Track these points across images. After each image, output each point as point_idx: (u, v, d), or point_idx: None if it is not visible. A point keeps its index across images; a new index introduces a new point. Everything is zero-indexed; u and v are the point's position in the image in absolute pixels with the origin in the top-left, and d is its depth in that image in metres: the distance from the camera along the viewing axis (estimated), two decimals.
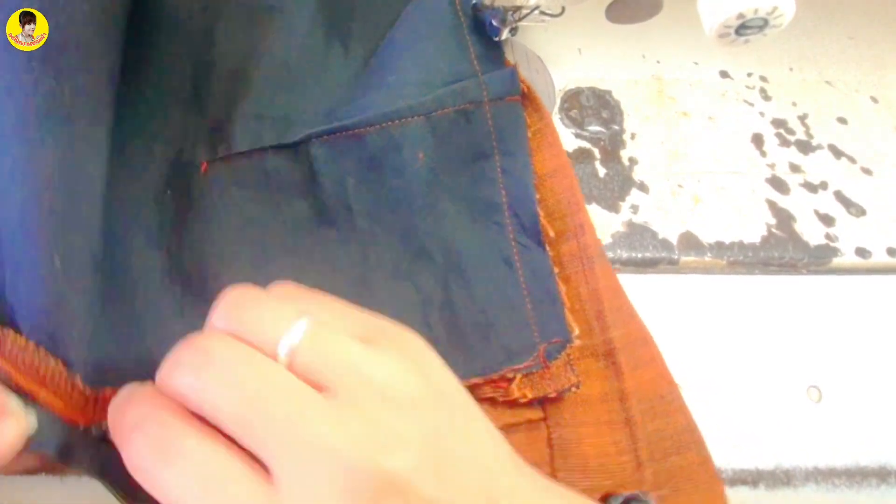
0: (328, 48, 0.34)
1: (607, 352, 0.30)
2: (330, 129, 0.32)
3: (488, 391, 0.29)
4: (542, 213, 0.32)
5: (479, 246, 0.31)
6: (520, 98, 0.33)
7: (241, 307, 0.21)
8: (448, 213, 0.32)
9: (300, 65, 0.33)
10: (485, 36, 0.34)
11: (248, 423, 0.18)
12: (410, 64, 0.33)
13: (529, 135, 0.33)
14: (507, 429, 0.29)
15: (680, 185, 0.42)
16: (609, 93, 0.46)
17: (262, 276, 0.24)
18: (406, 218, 0.31)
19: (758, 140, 0.45)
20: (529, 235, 0.31)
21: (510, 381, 0.29)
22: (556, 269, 0.31)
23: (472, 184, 0.32)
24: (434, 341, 0.23)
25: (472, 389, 0.28)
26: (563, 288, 0.31)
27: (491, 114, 0.32)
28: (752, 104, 0.46)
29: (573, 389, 0.29)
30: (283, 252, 0.30)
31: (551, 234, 0.32)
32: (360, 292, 0.29)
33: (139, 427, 0.19)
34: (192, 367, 0.19)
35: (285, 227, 0.31)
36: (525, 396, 0.29)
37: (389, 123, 0.31)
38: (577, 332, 0.30)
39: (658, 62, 0.48)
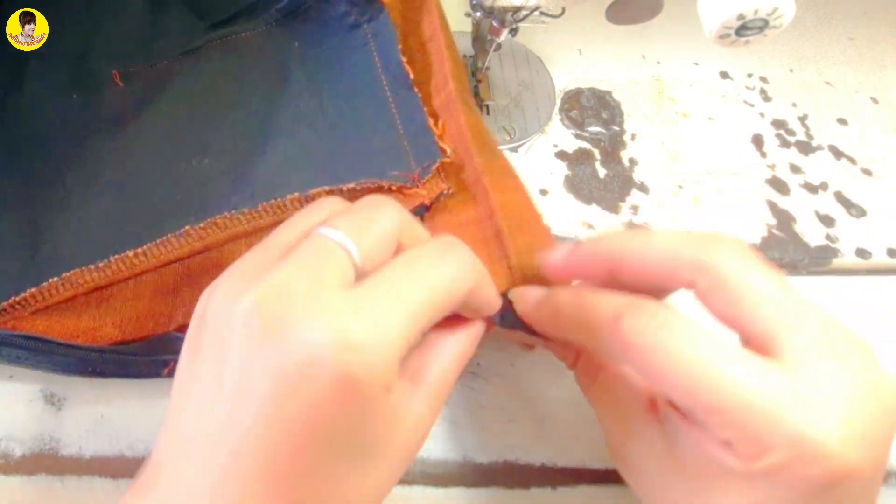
0: None
1: (475, 178, 0.33)
2: (222, 35, 0.41)
3: None
4: (411, 70, 0.37)
5: (362, 101, 0.37)
6: None
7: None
8: (330, 79, 0.39)
9: None
10: None
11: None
12: None
13: (419, 5, 0.38)
14: None
15: (680, 186, 0.42)
16: (609, 93, 0.46)
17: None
18: (296, 86, 0.39)
19: (758, 141, 0.45)
20: (400, 84, 0.37)
21: (388, 190, 0.33)
22: (430, 119, 0.36)
23: (350, 51, 0.39)
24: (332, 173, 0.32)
25: (355, 196, 0.31)
26: (432, 121, 0.35)
27: None
28: (752, 105, 0.46)
29: (446, 193, 0.33)
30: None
31: (412, 75, 0.37)
32: (275, 137, 0.36)
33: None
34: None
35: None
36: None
37: (267, 27, 0.41)
38: (448, 152, 0.34)
39: (658, 63, 0.48)
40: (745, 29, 0.28)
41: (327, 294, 0.19)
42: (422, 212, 0.34)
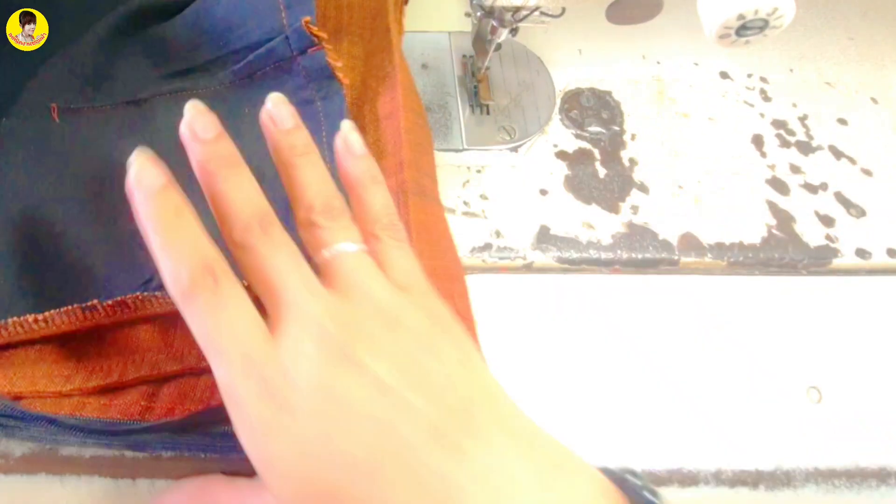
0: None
1: None
2: (172, 90, 0.38)
3: None
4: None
5: None
6: (321, 47, 0.37)
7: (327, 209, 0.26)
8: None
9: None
10: None
11: (275, 291, 0.23)
12: (225, 26, 0.39)
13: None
14: None
15: (680, 186, 0.42)
16: (609, 93, 0.46)
17: None
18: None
19: (758, 141, 0.45)
20: None
21: None
22: None
23: None
24: None
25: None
26: None
27: (302, 65, 0.37)
28: (752, 105, 0.46)
29: None
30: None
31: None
32: None
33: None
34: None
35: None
36: None
37: (220, 87, 0.39)
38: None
39: (658, 63, 0.48)
40: (745, 29, 0.28)
41: None
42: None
